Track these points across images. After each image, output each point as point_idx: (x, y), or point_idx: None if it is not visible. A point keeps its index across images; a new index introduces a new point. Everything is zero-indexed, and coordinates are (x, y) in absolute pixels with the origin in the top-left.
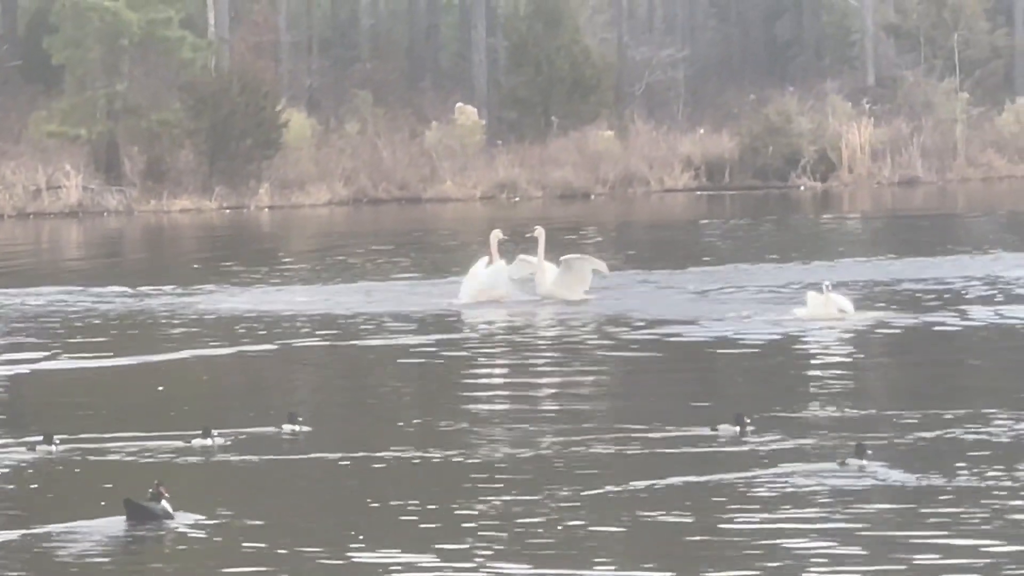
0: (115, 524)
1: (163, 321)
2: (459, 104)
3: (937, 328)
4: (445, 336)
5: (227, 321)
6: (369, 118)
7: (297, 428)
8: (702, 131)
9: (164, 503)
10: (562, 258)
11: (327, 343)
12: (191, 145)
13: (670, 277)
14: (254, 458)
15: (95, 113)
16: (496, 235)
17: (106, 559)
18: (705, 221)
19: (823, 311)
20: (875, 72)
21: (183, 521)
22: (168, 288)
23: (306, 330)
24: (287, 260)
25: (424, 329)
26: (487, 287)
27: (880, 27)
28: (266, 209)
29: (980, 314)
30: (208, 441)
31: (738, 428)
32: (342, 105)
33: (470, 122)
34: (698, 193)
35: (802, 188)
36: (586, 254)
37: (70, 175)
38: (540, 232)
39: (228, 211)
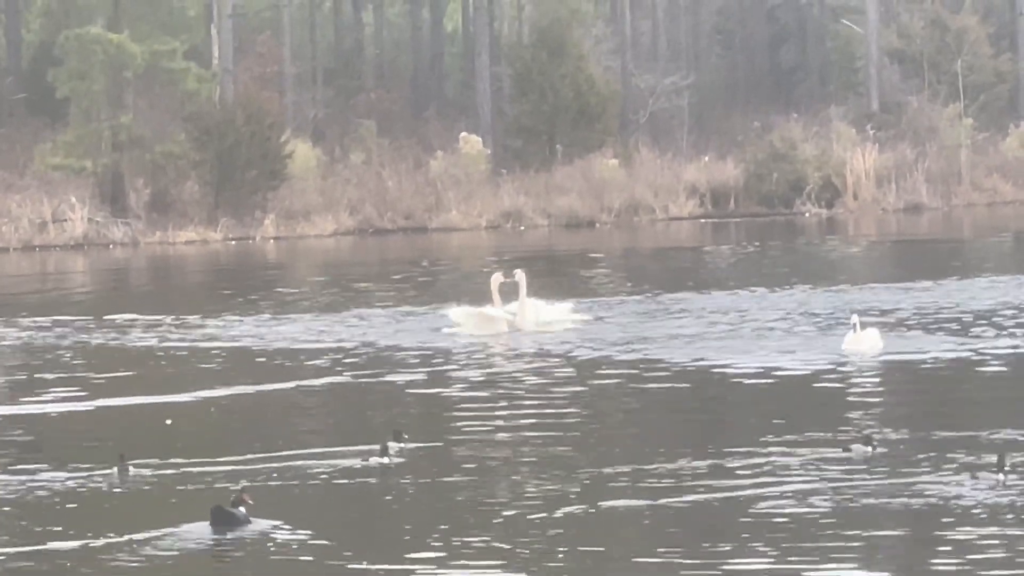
0: (201, 529)
1: (169, 355)
2: (464, 133)
3: (978, 351)
4: (489, 371)
5: (231, 355)
6: (374, 148)
7: (397, 448)
8: (707, 158)
9: (242, 509)
10: (541, 320)
11: (337, 377)
12: (196, 176)
13: (679, 303)
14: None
15: (100, 145)
16: (497, 279)
17: (187, 560)
18: (710, 248)
19: (858, 346)
20: (879, 98)
21: (260, 528)
22: (170, 320)
23: (309, 364)
24: (291, 291)
25: (449, 360)
26: (488, 318)
27: (884, 53)
28: (271, 240)
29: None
30: (385, 460)
31: (870, 448)
32: (347, 135)
33: (475, 151)
34: (703, 220)
35: (807, 215)
36: (565, 305)
37: (75, 207)
38: (520, 275)
39: (233, 242)
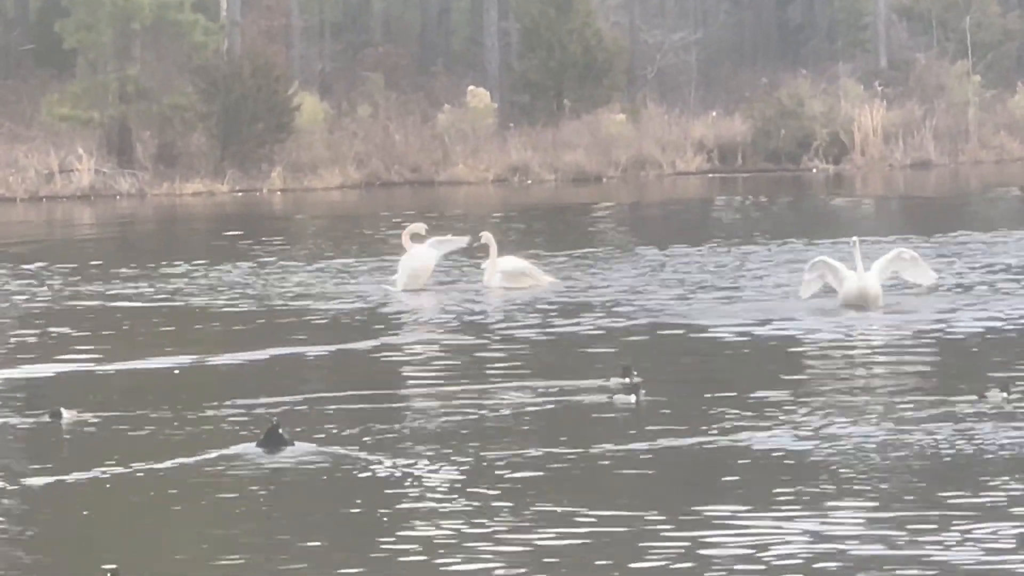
0: (252, 451)
1: (167, 309)
2: (471, 87)
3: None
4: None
5: (229, 306)
6: (381, 102)
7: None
8: (714, 114)
9: (282, 432)
10: (506, 271)
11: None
12: (203, 129)
13: (680, 257)
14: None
15: (107, 97)
16: (415, 228)
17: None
18: (722, 198)
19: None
20: (887, 55)
21: (306, 448)
22: (172, 271)
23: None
24: (294, 244)
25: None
26: (420, 269)
27: (892, 10)
28: (278, 192)
29: None
30: (632, 397)
31: (1005, 394)
32: (354, 89)
33: (482, 105)
34: (710, 176)
35: (814, 171)
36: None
37: (82, 159)
38: (487, 237)
39: (240, 194)
